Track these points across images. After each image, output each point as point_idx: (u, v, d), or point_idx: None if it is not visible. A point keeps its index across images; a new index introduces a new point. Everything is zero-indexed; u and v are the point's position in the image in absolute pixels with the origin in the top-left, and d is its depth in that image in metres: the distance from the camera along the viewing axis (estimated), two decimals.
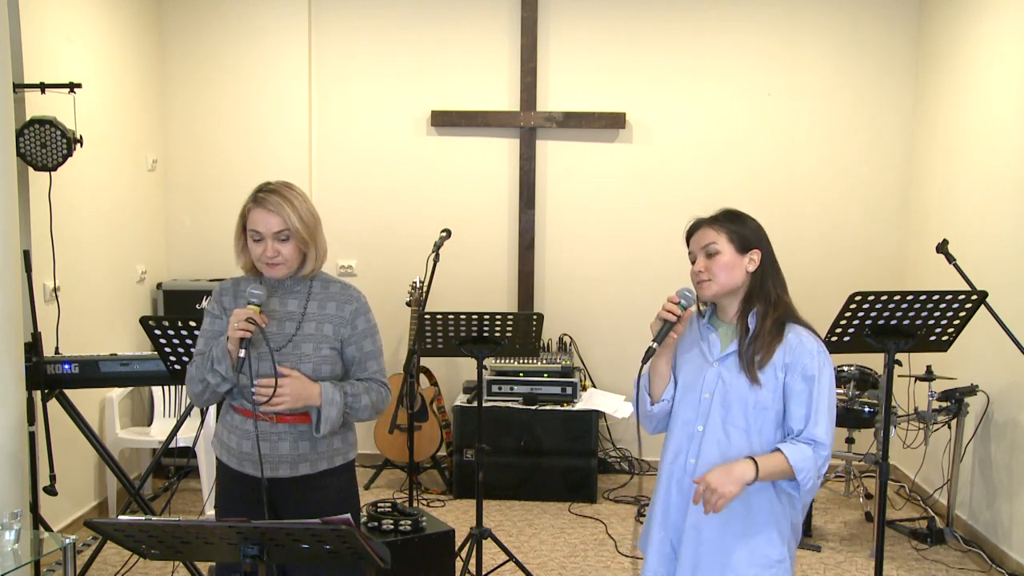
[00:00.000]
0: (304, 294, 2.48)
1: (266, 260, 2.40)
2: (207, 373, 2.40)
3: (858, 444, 5.02)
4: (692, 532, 2.24)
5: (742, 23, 5.53)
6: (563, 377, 5.16)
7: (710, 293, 2.25)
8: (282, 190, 2.42)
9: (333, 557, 1.91)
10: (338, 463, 2.51)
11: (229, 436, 2.50)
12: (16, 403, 3.22)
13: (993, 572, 4.16)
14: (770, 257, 2.28)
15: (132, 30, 5.18)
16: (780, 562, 2.22)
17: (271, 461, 2.42)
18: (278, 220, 2.37)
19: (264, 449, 2.41)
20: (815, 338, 2.23)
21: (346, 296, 2.51)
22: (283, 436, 2.43)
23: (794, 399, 2.18)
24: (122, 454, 4.82)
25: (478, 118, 5.58)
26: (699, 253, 2.26)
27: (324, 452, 2.48)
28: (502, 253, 5.71)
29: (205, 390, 2.45)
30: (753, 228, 2.29)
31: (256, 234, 2.39)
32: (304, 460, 2.45)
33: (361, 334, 2.50)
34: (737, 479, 2.12)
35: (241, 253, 2.48)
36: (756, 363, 2.19)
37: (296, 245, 2.41)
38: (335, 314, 2.48)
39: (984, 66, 4.67)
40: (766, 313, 2.22)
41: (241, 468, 2.47)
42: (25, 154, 3.83)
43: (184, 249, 5.61)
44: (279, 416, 2.41)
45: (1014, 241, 4.24)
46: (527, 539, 4.53)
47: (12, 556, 2.72)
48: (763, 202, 5.58)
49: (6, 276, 3.15)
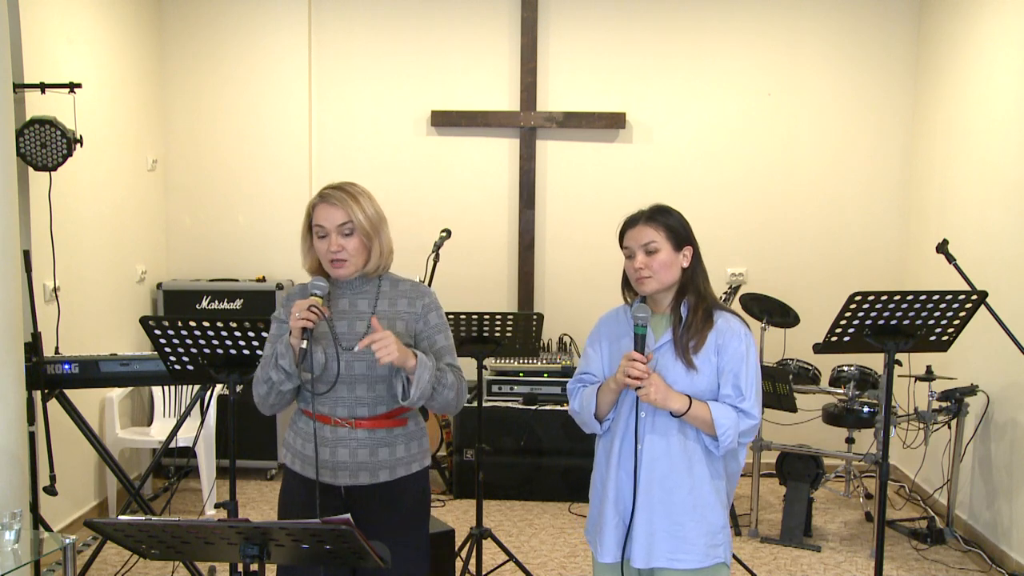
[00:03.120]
0: (373, 293, 2.46)
1: (331, 255, 2.37)
2: (271, 370, 2.37)
3: (858, 444, 5.02)
4: (643, 511, 2.34)
5: (742, 23, 5.53)
6: (563, 377, 5.16)
7: (650, 289, 2.38)
8: (346, 187, 2.42)
9: (333, 557, 1.91)
10: (415, 469, 2.49)
11: (301, 443, 2.45)
12: (16, 403, 3.21)
13: (993, 572, 4.16)
14: (698, 252, 2.41)
15: (132, 30, 5.18)
16: (724, 528, 2.37)
17: (350, 468, 2.39)
18: (341, 213, 2.36)
19: (343, 456, 2.39)
20: (740, 321, 2.38)
21: (417, 292, 2.49)
22: (363, 443, 2.40)
23: (725, 377, 2.32)
24: (122, 454, 4.82)
25: (478, 118, 5.58)
26: (637, 250, 2.37)
27: (403, 458, 2.46)
28: (502, 253, 5.71)
29: (270, 391, 2.40)
30: (684, 225, 2.40)
31: (321, 229, 2.38)
32: (384, 467, 2.42)
33: (434, 328, 2.48)
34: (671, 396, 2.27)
35: (308, 253, 2.47)
36: (691, 348, 2.32)
37: (360, 240, 2.38)
38: (407, 310, 2.46)
39: (984, 66, 4.67)
40: (697, 304, 2.36)
41: (333, 478, 2.41)
42: (25, 154, 3.83)
43: (184, 249, 5.61)
44: (357, 421, 2.39)
45: (1014, 241, 4.24)
46: (527, 539, 4.53)
47: (12, 556, 2.71)
48: (763, 202, 5.60)
49: (6, 276, 3.15)
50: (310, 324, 2.28)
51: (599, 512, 2.44)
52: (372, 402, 2.41)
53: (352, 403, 2.39)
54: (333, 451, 2.39)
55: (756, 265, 5.50)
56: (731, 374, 2.31)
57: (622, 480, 2.38)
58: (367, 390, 2.40)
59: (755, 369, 2.34)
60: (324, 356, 2.36)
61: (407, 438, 2.47)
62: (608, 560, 2.40)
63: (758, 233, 5.56)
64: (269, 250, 5.56)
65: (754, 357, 2.35)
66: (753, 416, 2.31)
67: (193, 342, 2.78)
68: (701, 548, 2.32)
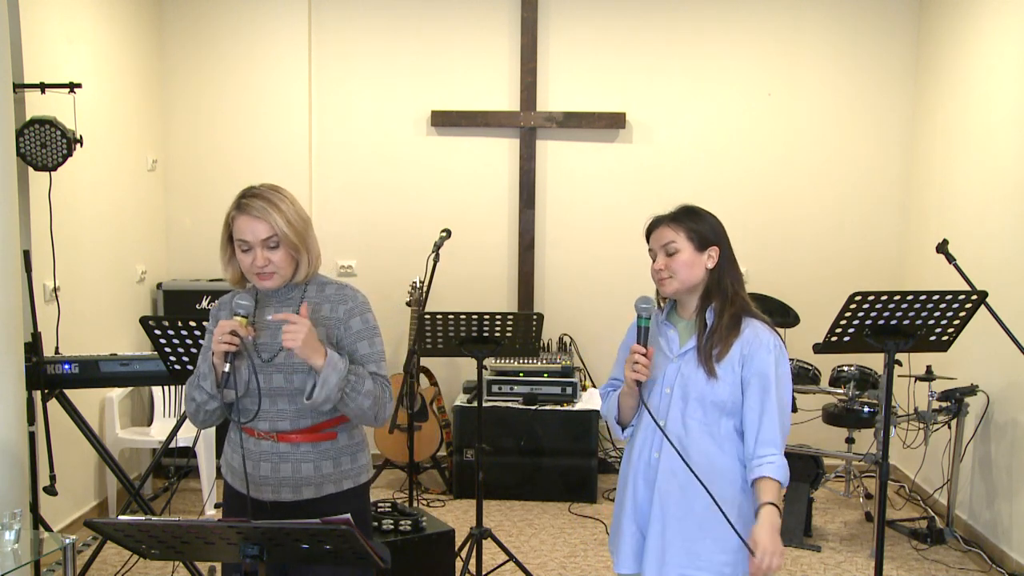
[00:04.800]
0: (297, 300, 2.32)
1: (256, 271, 2.25)
2: (194, 390, 2.29)
3: (858, 444, 5.02)
4: (658, 523, 2.30)
5: (742, 23, 5.53)
6: (563, 377, 5.16)
7: (671, 290, 2.32)
8: (266, 194, 2.27)
9: (333, 557, 1.91)
10: (346, 487, 2.35)
11: (233, 456, 2.36)
12: (16, 403, 3.21)
13: (993, 572, 4.16)
14: (728, 253, 2.33)
15: (132, 30, 5.18)
16: (742, 547, 2.28)
17: (273, 484, 2.30)
18: (265, 226, 2.22)
19: (265, 471, 2.29)
20: (771, 332, 2.29)
21: (340, 296, 2.35)
22: (285, 457, 2.29)
23: (750, 391, 2.25)
24: (122, 454, 4.82)
25: (478, 118, 5.58)
26: (659, 251, 2.32)
27: (330, 475, 2.32)
28: (502, 253, 5.71)
29: (198, 410, 2.31)
30: (712, 225, 2.32)
31: (243, 243, 2.25)
32: (308, 484, 2.30)
33: (356, 335, 2.33)
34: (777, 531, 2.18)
35: (228, 265, 2.34)
36: (714, 357, 2.25)
37: (287, 251, 2.25)
38: (328, 316, 2.32)
39: (984, 66, 4.67)
40: (723, 308, 2.28)
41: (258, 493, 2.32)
42: (25, 154, 3.83)
43: (184, 249, 5.61)
44: (280, 435, 2.28)
45: (1014, 241, 4.24)
46: (527, 539, 4.53)
47: (12, 556, 2.71)
48: (763, 202, 5.60)
49: (6, 276, 3.15)
50: (232, 348, 2.18)
51: (619, 521, 2.41)
52: (294, 415, 2.29)
53: (274, 416, 2.29)
54: (256, 465, 2.30)
55: (756, 265, 5.49)
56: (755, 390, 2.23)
57: (640, 490, 2.35)
58: (288, 402, 2.29)
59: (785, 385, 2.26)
60: (247, 372, 2.26)
61: (336, 453, 2.33)
62: (625, 571, 2.37)
63: (758, 233, 5.56)
64: None
65: (784, 373, 2.27)
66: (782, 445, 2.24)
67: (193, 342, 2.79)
68: (716, 565, 2.27)
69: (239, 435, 2.32)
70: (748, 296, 2.34)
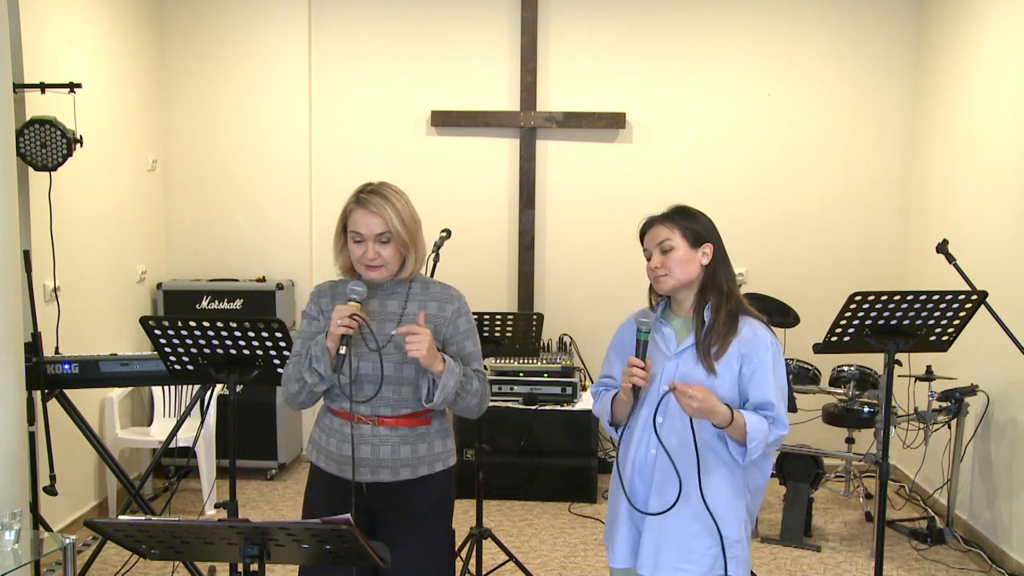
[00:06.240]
0: (403, 295, 2.45)
1: (366, 262, 2.37)
2: (305, 372, 2.36)
3: (858, 444, 5.02)
4: (654, 518, 2.31)
5: (742, 23, 5.53)
6: (563, 377, 5.16)
7: (667, 287, 2.34)
8: (384, 191, 2.41)
9: (333, 557, 1.91)
10: (438, 468, 2.47)
11: (328, 440, 2.45)
12: (16, 403, 3.21)
13: (993, 572, 4.16)
14: (721, 251, 2.36)
15: (132, 30, 5.18)
16: (738, 542, 2.31)
17: (371, 465, 2.38)
18: (380, 222, 2.36)
19: (364, 453, 2.38)
20: (766, 328, 2.33)
21: (447, 296, 2.49)
22: (385, 440, 2.39)
23: (753, 386, 2.27)
24: (122, 454, 4.82)
25: (478, 118, 5.58)
26: (654, 250, 2.35)
27: (425, 457, 2.44)
28: (502, 253, 5.71)
29: (302, 390, 2.39)
30: (704, 223, 2.36)
31: (357, 235, 2.37)
32: (405, 465, 2.41)
33: (463, 334, 2.47)
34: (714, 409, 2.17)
35: (340, 254, 2.46)
36: (712, 354, 2.28)
37: (396, 247, 2.38)
38: (436, 314, 2.44)
39: (984, 66, 4.67)
40: (720, 305, 2.31)
41: (340, 472, 2.41)
42: (25, 154, 3.83)
43: (184, 249, 5.62)
44: (380, 419, 2.38)
45: (1014, 241, 4.24)
46: (527, 539, 4.53)
47: (12, 556, 2.71)
48: (763, 202, 5.60)
49: (6, 276, 3.15)
50: (350, 331, 2.27)
51: (614, 517, 2.43)
52: (395, 403, 2.39)
53: (376, 402, 2.38)
54: (355, 448, 2.38)
55: (756, 265, 5.50)
56: (758, 384, 2.26)
57: (636, 486, 2.36)
58: (392, 391, 2.38)
59: (783, 378, 2.30)
60: (356, 359, 2.35)
61: (431, 436, 2.45)
62: (620, 565, 2.39)
63: (758, 233, 5.56)
64: (269, 250, 5.57)
65: (781, 366, 2.31)
66: (783, 426, 2.27)
67: (193, 342, 2.78)
68: (708, 560, 2.28)
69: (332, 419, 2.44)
70: (741, 294, 2.37)
